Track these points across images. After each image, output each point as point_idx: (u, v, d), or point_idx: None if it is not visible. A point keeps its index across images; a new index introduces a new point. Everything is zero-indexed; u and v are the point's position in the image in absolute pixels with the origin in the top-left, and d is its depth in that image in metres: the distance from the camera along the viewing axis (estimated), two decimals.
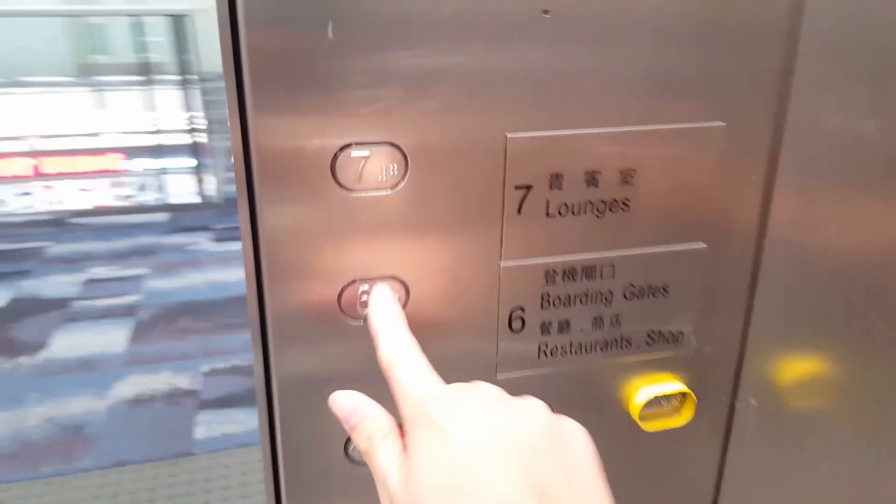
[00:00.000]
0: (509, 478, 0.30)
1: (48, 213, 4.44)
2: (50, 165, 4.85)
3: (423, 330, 0.43)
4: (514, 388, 0.46)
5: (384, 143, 0.38)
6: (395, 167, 0.38)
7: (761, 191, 0.47)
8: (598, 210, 0.44)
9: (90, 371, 2.55)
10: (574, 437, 0.34)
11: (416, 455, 0.32)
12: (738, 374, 0.51)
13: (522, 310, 0.45)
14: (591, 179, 0.43)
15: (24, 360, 2.61)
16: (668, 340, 0.49)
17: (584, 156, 0.42)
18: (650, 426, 0.50)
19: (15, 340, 2.75)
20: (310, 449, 0.44)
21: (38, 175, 4.83)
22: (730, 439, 0.52)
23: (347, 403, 0.37)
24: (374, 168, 0.38)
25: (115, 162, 4.97)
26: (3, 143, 5.01)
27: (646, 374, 0.49)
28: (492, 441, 0.31)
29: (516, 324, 0.45)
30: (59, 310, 3.02)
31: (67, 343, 2.74)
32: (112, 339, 2.79)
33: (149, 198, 4.66)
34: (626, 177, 0.44)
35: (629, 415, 0.49)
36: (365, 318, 0.41)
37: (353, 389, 0.40)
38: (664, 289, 0.47)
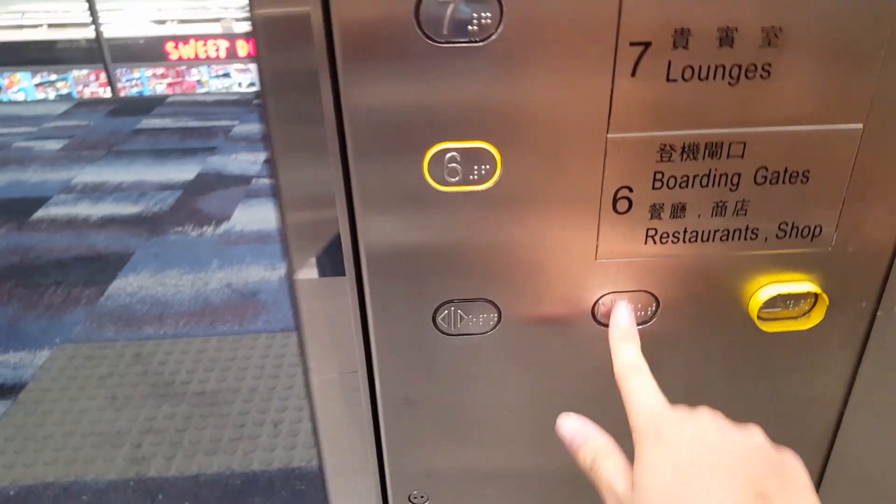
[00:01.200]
0: (731, 484, 0.33)
1: (237, 94, 4.75)
2: (243, 48, 5.14)
3: (516, 204, 0.40)
4: (618, 274, 0.43)
5: None
6: (488, 15, 0.35)
7: None
8: (731, 76, 0.38)
9: (266, 244, 2.77)
10: (794, 465, 0.36)
11: (643, 462, 0.35)
12: (885, 280, 0.44)
13: (630, 189, 0.40)
14: (726, 38, 0.37)
15: (208, 230, 2.88)
16: (802, 235, 0.42)
17: (718, 8, 0.36)
18: (770, 327, 0.45)
19: (201, 211, 3.03)
20: (399, 318, 0.44)
21: (231, 57, 5.14)
22: (866, 350, 0.46)
23: (574, 425, 0.41)
24: (463, 16, 0.35)
25: None
26: (203, 25, 5.35)
27: (771, 270, 0.43)
28: (715, 452, 0.35)
29: (622, 204, 0.41)
30: (240, 186, 3.27)
31: (247, 217, 2.98)
32: None
33: None
34: (770, 37, 0.37)
35: (747, 313, 0.44)
36: (449, 185, 0.39)
37: (437, 257, 0.39)
38: (805, 175, 0.41)
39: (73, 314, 2.37)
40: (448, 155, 0.38)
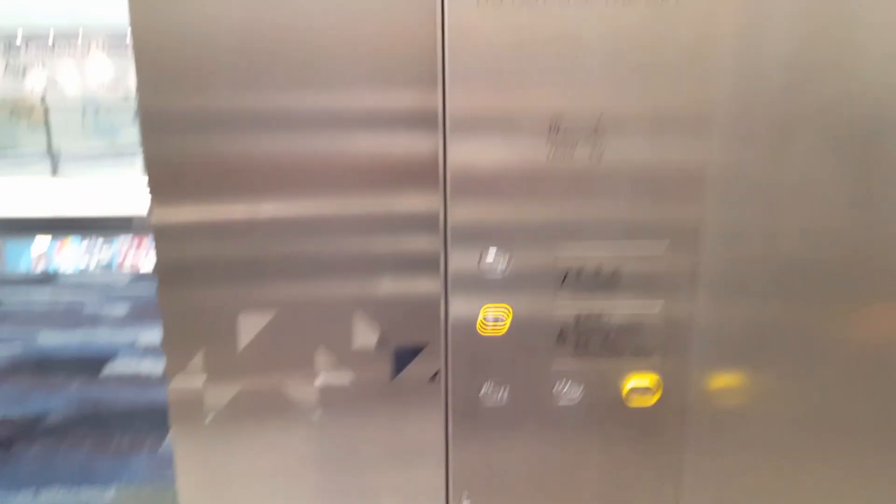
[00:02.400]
0: None
1: None
2: None
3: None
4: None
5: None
6: (505, 263, 0.89)
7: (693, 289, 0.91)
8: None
9: None
10: None
11: None
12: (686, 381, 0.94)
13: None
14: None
15: None
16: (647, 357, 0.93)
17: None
18: (633, 404, 0.94)
19: None
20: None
21: None
22: (685, 415, 0.95)
23: None
24: (497, 266, 0.89)
25: None
26: None
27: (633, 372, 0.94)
28: None
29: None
30: None
31: None
32: None
33: None
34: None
35: (622, 397, 0.94)
36: (488, 330, 0.91)
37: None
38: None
39: (138, 458, 2.77)
40: (490, 312, 0.91)
